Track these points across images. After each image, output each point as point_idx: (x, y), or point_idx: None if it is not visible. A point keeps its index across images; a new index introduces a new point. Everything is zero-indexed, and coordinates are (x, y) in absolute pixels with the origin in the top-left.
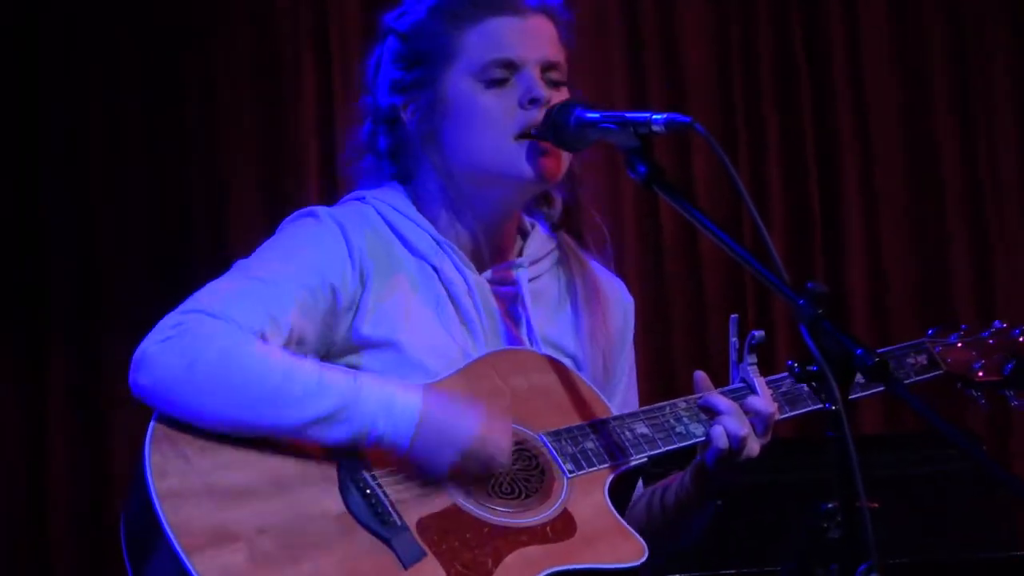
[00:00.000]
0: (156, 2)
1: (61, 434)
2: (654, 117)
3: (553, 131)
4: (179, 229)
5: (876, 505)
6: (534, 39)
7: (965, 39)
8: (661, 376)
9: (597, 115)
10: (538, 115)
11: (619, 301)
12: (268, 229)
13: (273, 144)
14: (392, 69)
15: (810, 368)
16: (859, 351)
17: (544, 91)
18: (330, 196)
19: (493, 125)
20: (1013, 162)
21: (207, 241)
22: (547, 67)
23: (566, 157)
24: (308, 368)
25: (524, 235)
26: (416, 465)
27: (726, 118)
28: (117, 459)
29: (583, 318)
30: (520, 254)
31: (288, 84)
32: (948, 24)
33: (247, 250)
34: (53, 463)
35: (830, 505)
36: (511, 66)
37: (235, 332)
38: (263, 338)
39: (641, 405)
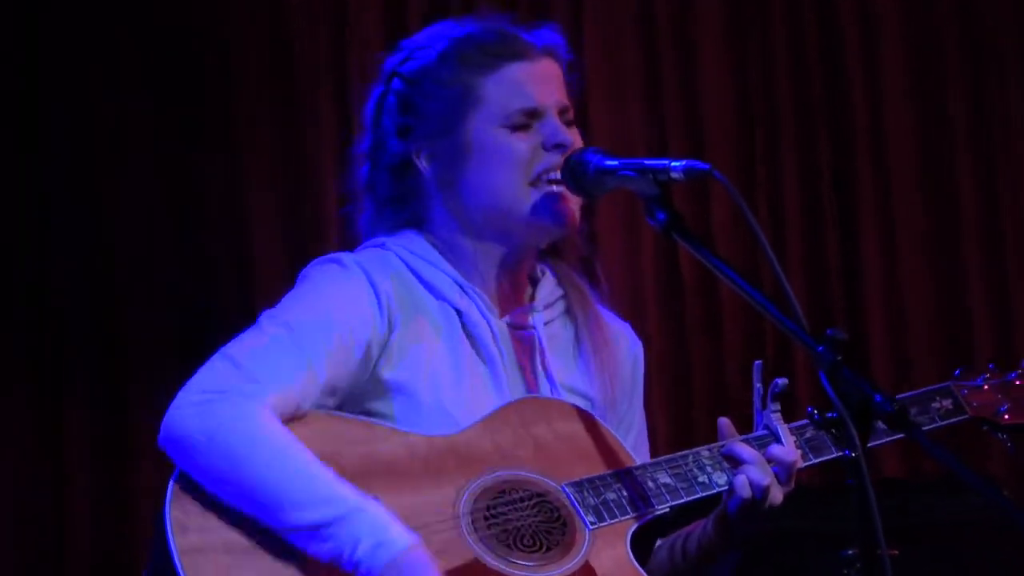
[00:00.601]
0: (172, 48)
1: (81, 484)
2: (673, 164)
3: (572, 178)
4: (203, 275)
5: (896, 552)
6: (548, 83)
7: (985, 79)
8: (681, 422)
9: (616, 162)
10: (559, 160)
11: (627, 346)
12: (291, 272)
13: (294, 187)
14: (400, 115)
15: (830, 415)
16: (878, 397)
17: (568, 135)
18: (353, 239)
19: (518, 168)
20: None
21: (231, 286)
22: (562, 110)
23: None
24: (321, 476)
25: (534, 281)
26: None
27: (745, 166)
28: (142, 511)
29: (593, 364)
30: (532, 299)
31: (309, 129)
32: (968, 64)
33: (272, 296)
34: (73, 514)
35: (850, 552)
36: (535, 113)
37: (265, 417)
38: (296, 401)
39: (657, 450)
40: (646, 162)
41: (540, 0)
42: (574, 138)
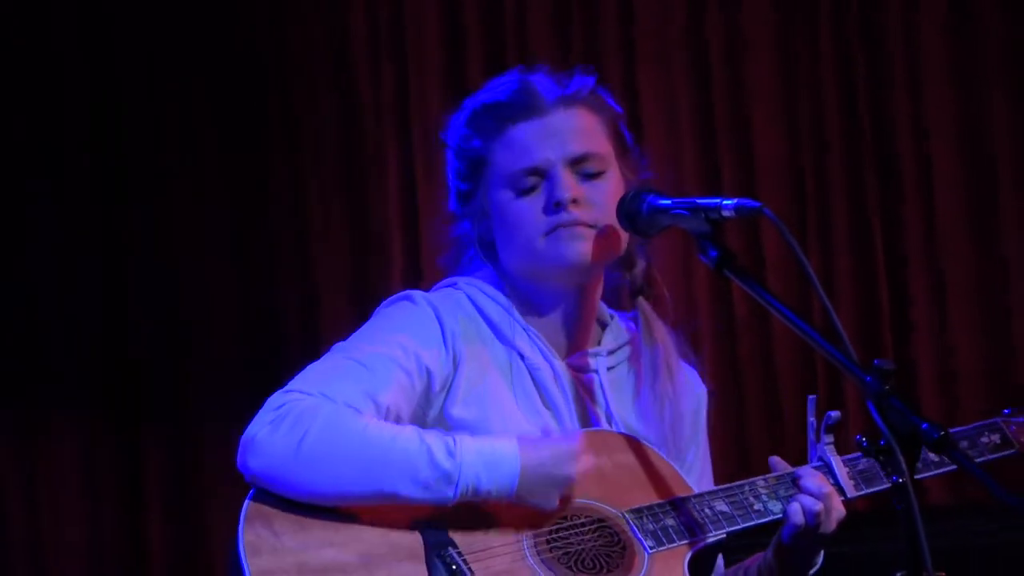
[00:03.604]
0: (241, 107)
1: (158, 514)
2: (724, 202)
3: (627, 218)
4: (270, 319)
5: (943, 575)
6: (556, 136)
7: None
8: (735, 454)
9: (669, 202)
10: (567, 215)
11: (692, 390)
12: (356, 314)
13: (360, 236)
14: (452, 179)
15: (879, 442)
16: (925, 425)
17: (567, 191)
18: (414, 284)
19: (526, 229)
20: None
21: (296, 327)
22: (577, 160)
23: (613, 236)
24: (410, 434)
25: (603, 326)
26: (524, 505)
27: (795, 204)
28: (215, 539)
29: (651, 411)
30: (599, 343)
31: (373, 180)
32: (1012, 100)
33: (335, 334)
34: (151, 544)
35: (899, 574)
36: (537, 172)
37: (335, 406)
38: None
39: (713, 481)
40: (698, 201)
41: (592, 44)
42: (592, 190)
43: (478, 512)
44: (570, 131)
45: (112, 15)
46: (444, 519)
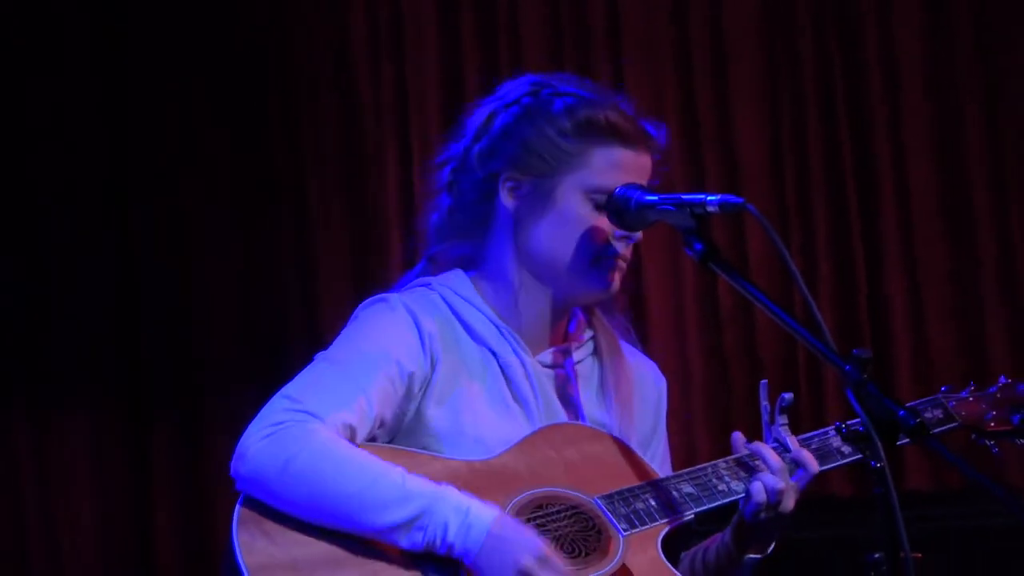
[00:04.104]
0: (243, 106)
1: (165, 509)
2: (709, 199)
3: (615, 213)
4: (274, 317)
5: (919, 556)
6: (640, 174)
7: (999, 121)
8: (720, 438)
9: (656, 198)
10: (624, 252)
11: (652, 383)
12: (354, 304)
13: (360, 234)
14: (508, 141)
15: (856, 427)
16: (901, 412)
17: (638, 233)
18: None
19: (584, 241)
20: None
21: (300, 323)
22: None
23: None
24: (394, 475)
25: (569, 321)
26: (476, 573)
27: (777, 201)
28: (220, 529)
29: (615, 402)
30: (565, 340)
31: (373, 178)
32: (983, 104)
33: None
34: (159, 535)
35: (877, 556)
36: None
37: (328, 432)
38: (352, 430)
39: (698, 463)
40: (684, 197)
41: (583, 50)
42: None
43: None
44: (647, 173)
45: (122, 15)
46: None
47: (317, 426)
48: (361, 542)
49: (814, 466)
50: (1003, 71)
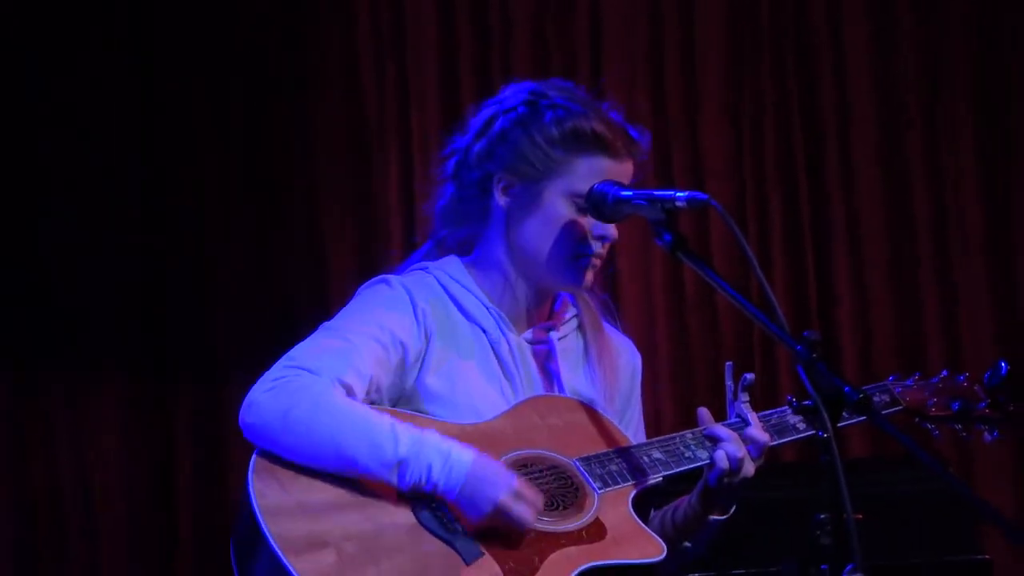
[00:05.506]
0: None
1: (187, 467)
2: (677, 195)
3: (594, 207)
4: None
5: (860, 517)
6: (621, 180)
7: (936, 125)
8: (685, 409)
9: (630, 193)
10: (599, 251)
11: (629, 358)
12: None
13: (364, 216)
14: (503, 146)
15: (806, 402)
16: (847, 388)
17: (613, 235)
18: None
19: (565, 241)
20: (980, 235)
21: (311, 301)
22: None
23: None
24: (383, 422)
25: (553, 301)
26: (459, 509)
27: (737, 197)
28: (233, 484)
29: (599, 372)
30: (550, 318)
31: (377, 167)
32: (925, 107)
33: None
34: (181, 488)
35: (822, 516)
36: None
37: (325, 385)
38: (348, 388)
39: (665, 432)
40: (655, 193)
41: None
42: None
43: None
44: (627, 179)
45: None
46: None
47: (314, 379)
48: (362, 486)
49: (763, 437)
50: (943, 82)
